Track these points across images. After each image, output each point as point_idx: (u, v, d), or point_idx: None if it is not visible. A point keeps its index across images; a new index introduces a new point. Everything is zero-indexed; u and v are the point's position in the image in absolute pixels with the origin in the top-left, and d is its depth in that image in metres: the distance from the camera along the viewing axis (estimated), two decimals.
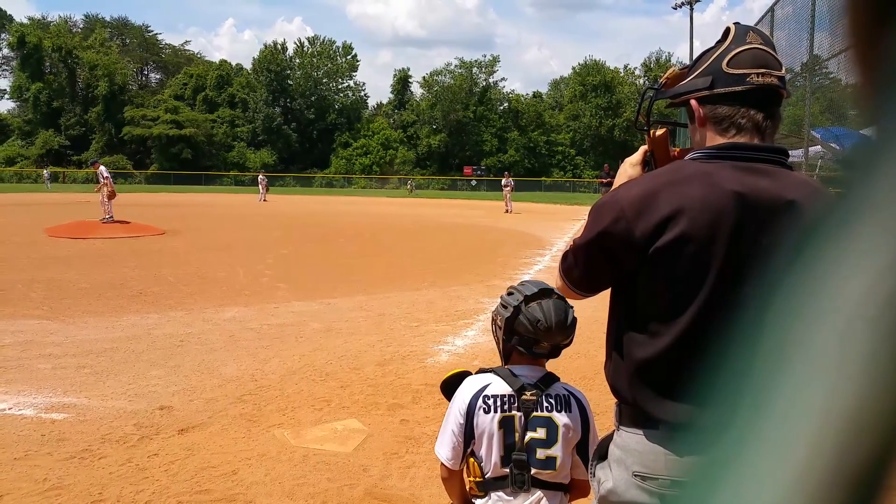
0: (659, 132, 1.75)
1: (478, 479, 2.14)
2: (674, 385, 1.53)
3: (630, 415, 1.62)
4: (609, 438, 1.72)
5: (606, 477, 1.66)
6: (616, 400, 1.68)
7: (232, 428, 4.69)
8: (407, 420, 4.88)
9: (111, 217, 18.07)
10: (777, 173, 1.51)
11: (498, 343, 2.25)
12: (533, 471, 2.07)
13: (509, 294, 2.21)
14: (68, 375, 5.72)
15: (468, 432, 2.10)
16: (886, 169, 0.28)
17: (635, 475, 1.58)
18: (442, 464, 2.19)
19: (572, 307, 2.17)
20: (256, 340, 7.00)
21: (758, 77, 1.48)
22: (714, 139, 1.56)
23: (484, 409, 2.08)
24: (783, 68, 1.53)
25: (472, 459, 2.15)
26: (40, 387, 5.41)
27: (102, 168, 18.84)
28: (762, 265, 1.47)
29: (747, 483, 0.28)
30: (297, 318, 8.13)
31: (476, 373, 2.21)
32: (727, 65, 1.50)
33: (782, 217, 1.46)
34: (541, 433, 2.08)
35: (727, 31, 1.57)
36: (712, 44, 1.61)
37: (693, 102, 1.57)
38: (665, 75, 1.72)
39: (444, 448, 2.15)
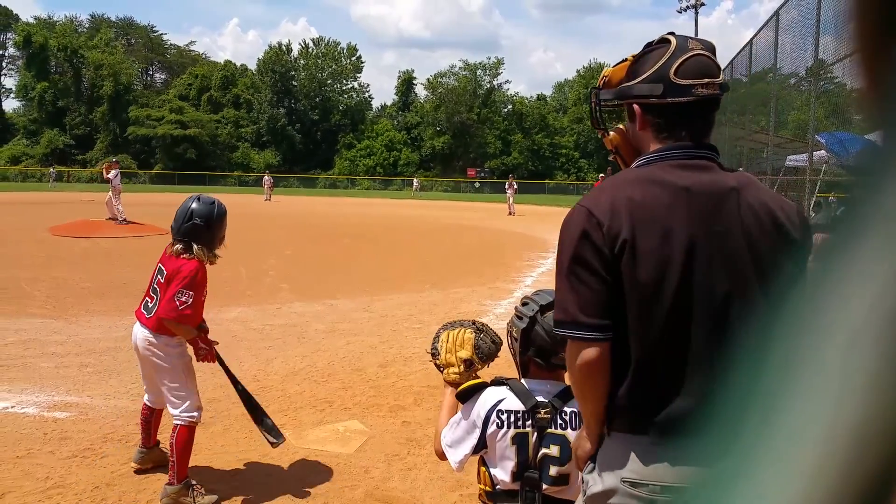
0: (615, 133, 1.79)
1: (487, 489, 2.11)
2: (663, 389, 1.53)
3: (620, 420, 1.60)
4: (600, 443, 1.71)
5: (595, 481, 1.64)
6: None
7: (234, 428, 4.70)
8: (409, 422, 4.88)
9: (123, 219, 17.95)
10: (713, 168, 1.59)
11: (514, 355, 2.20)
12: (544, 487, 2.03)
13: (524, 304, 2.16)
14: (71, 374, 5.73)
15: (481, 441, 2.08)
16: (891, 181, 0.28)
17: (624, 481, 1.56)
18: (442, 452, 2.18)
19: None
20: (259, 341, 7.00)
21: (703, 88, 1.54)
22: (652, 144, 1.63)
23: (497, 423, 2.05)
24: (721, 72, 1.60)
25: (483, 468, 2.13)
26: (43, 385, 5.42)
27: (111, 172, 18.39)
28: (722, 250, 1.50)
29: (755, 496, 0.28)
30: (299, 318, 8.13)
31: (491, 382, 2.18)
32: (675, 74, 1.55)
33: (728, 203, 1.53)
34: (554, 450, 2.03)
35: (665, 40, 1.61)
36: (646, 49, 1.65)
37: (636, 108, 1.63)
38: (604, 73, 1.77)
39: (457, 453, 2.12)
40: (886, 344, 0.27)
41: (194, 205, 3.77)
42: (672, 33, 1.63)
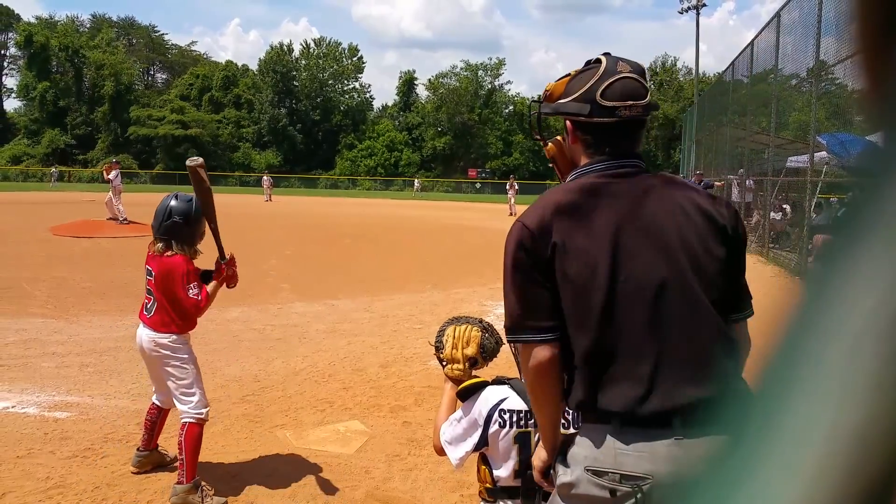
0: (552, 144, 1.96)
1: (488, 486, 2.12)
2: (615, 380, 1.59)
3: (584, 413, 1.66)
4: (568, 435, 1.76)
5: (563, 471, 1.69)
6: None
7: (234, 428, 4.70)
8: (409, 422, 4.88)
9: (124, 218, 17.93)
10: (636, 173, 1.72)
11: (516, 354, 2.21)
12: (545, 485, 2.05)
13: None
14: (71, 374, 5.73)
15: (482, 440, 2.09)
16: (893, 182, 0.28)
17: (587, 470, 1.62)
18: (441, 448, 2.19)
19: None
20: (259, 341, 7.01)
21: (626, 110, 1.68)
22: (582, 158, 1.78)
23: (500, 422, 2.07)
24: (648, 93, 1.73)
25: (483, 466, 2.14)
26: (44, 385, 5.42)
27: (112, 173, 18.41)
28: (650, 240, 1.59)
29: (757, 497, 0.28)
30: (300, 318, 8.14)
31: (492, 381, 2.19)
32: (601, 96, 1.68)
33: (652, 197, 1.66)
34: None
35: (598, 60, 1.75)
36: (584, 67, 1.78)
37: (569, 124, 1.79)
38: (546, 87, 1.91)
39: (457, 451, 2.13)
40: (889, 346, 0.27)
41: (173, 202, 3.81)
42: (607, 54, 1.76)
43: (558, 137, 1.94)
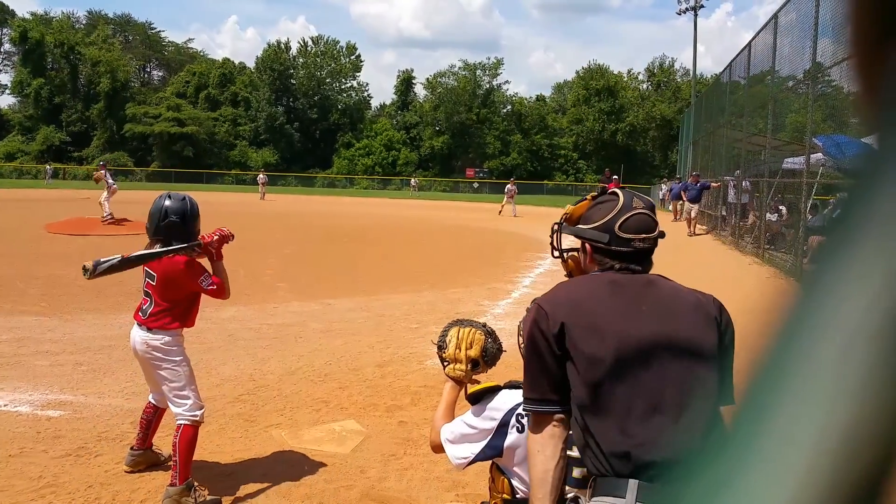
0: (570, 261, 2.21)
1: (506, 497, 2.09)
2: (623, 446, 1.69)
3: (597, 483, 1.75)
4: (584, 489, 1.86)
5: None
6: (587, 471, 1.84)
7: (229, 428, 4.69)
8: (405, 422, 4.88)
9: (110, 216, 17.98)
10: (638, 272, 1.94)
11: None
12: (567, 489, 2.02)
13: None
14: (65, 372, 5.71)
15: (494, 447, 2.06)
16: (887, 183, 0.28)
17: None
18: (439, 444, 2.16)
19: None
20: (255, 340, 7.00)
21: (640, 243, 1.93)
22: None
23: (518, 427, 2.05)
24: (658, 226, 1.99)
25: (500, 475, 2.11)
26: (37, 384, 5.40)
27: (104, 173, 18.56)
28: (651, 321, 1.75)
29: (744, 497, 0.28)
30: (296, 318, 8.13)
31: (505, 385, 2.17)
32: (619, 228, 1.92)
33: (651, 288, 1.89)
34: (576, 451, 2.02)
35: (615, 195, 1.99)
36: (602, 196, 2.03)
37: (588, 246, 2.01)
38: (566, 210, 2.17)
39: (459, 449, 2.09)
40: (881, 347, 0.27)
41: (167, 202, 3.81)
42: (623, 187, 2.03)
43: (574, 254, 2.19)
